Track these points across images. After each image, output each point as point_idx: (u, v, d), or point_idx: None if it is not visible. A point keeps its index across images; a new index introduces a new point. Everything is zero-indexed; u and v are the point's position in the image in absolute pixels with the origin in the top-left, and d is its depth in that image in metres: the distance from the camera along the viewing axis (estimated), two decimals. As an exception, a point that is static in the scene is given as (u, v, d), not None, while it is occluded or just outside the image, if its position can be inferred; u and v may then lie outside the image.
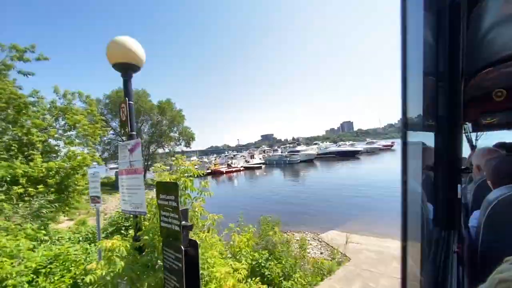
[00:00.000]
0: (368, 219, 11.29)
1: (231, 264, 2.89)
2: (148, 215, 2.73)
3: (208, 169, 46.48)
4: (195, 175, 3.11)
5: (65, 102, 9.14)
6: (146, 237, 2.41)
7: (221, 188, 29.49)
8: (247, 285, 3.23)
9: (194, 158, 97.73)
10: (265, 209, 14.63)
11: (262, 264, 3.97)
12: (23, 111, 7.60)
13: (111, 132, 28.59)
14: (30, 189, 7.03)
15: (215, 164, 50.31)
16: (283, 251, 4.41)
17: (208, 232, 2.84)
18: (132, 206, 2.78)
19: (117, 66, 2.85)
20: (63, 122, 8.94)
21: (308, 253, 7.17)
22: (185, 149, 33.59)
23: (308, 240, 8.79)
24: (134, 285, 2.16)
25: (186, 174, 3.03)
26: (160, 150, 32.57)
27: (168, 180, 2.89)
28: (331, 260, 6.13)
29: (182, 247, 2.13)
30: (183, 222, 2.25)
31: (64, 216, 8.62)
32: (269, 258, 4.06)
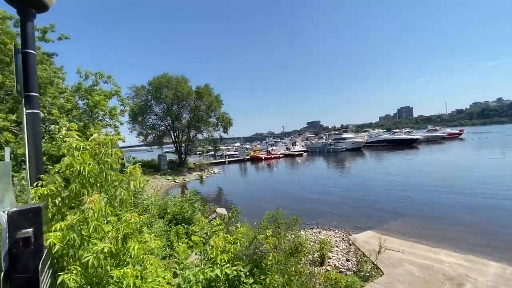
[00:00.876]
0: (419, 222, 9.21)
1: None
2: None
3: (248, 155, 46.70)
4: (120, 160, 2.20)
5: (89, 83, 9.28)
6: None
7: (258, 175, 29.04)
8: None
9: (238, 144, 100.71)
10: (294, 202, 13.46)
11: (242, 279, 2.97)
12: (42, 91, 7.79)
13: (154, 117, 30.21)
14: (49, 166, 7.29)
15: (254, 151, 50.11)
16: (278, 262, 3.31)
17: (123, 240, 1.91)
18: None
19: (10, -1, 2.04)
20: (82, 103, 9.10)
21: (330, 259, 5.88)
22: (224, 135, 33.77)
23: (336, 241, 7.43)
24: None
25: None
26: (200, 136, 33.42)
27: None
28: (354, 273, 4.78)
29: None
30: (23, 231, 1.36)
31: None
32: (249, 272, 3.02)
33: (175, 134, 30.81)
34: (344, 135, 52.88)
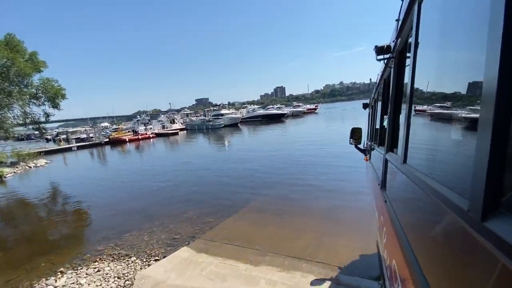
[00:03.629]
0: (254, 211, 7.35)
1: None
2: None
3: (107, 137, 37.45)
4: None
5: None
6: None
7: (107, 164, 22.60)
8: None
9: (105, 124, 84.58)
10: (128, 199, 9.25)
11: None
12: None
13: None
14: None
15: (117, 131, 41.02)
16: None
17: None
18: None
19: None
20: None
21: None
22: (54, 111, 24.03)
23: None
24: None
25: None
26: (12, 114, 22.34)
27: None
28: None
29: None
30: None
31: None
32: None
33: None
34: (223, 111, 51.92)
